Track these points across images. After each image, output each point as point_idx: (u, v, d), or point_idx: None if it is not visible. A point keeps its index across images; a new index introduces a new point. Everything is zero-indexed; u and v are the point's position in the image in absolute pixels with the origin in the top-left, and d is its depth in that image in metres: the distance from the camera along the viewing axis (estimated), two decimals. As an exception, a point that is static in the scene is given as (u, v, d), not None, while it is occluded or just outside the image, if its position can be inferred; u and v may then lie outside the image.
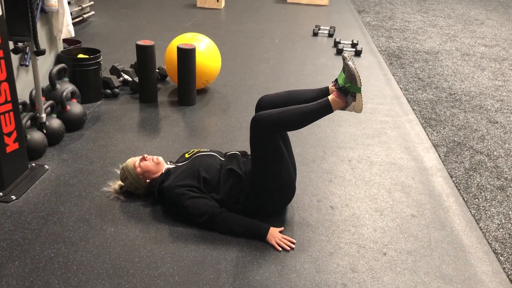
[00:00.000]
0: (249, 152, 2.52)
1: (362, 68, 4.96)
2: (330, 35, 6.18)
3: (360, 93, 2.14)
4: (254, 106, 3.74)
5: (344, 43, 5.72)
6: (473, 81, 4.81)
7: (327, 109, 2.16)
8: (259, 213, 2.32)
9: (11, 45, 2.60)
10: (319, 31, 6.30)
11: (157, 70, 4.06)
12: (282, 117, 2.14)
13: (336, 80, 2.24)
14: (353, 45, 5.63)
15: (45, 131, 2.84)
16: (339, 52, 5.39)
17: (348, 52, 5.44)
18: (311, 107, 2.16)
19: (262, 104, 2.35)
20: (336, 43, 5.66)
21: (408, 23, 7.39)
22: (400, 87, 4.45)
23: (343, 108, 2.18)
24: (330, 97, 2.16)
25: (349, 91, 2.13)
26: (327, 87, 2.31)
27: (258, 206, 2.30)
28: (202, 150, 2.51)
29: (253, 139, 2.18)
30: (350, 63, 2.13)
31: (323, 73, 4.68)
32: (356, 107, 2.16)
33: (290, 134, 2.58)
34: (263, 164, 2.22)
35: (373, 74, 4.80)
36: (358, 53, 5.37)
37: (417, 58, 5.46)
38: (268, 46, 5.52)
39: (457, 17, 8.12)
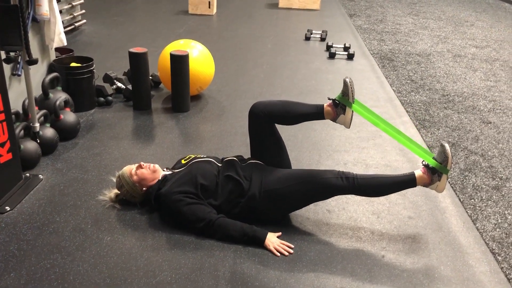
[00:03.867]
0: (245, 157, 2.52)
1: (355, 71, 4.98)
2: (322, 39, 6.21)
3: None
4: (248, 111, 3.75)
5: (336, 47, 5.75)
6: (465, 82, 4.84)
7: (412, 184, 2.28)
8: (257, 219, 2.31)
9: (3, 54, 2.58)
10: (311, 36, 6.32)
11: (150, 77, 4.05)
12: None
13: (333, 100, 2.37)
14: (345, 48, 5.66)
15: (38, 141, 2.82)
16: (332, 56, 5.41)
17: (341, 55, 5.47)
18: (399, 179, 2.28)
19: (256, 111, 2.37)
20: (328, 47, 5.68)
21: (399, 25, 7.44)
22: (393, 90, 4.47)
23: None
24: (417, 175, 2.27)
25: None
26: (322, 106, 2.40)
27: (256, 211, 2.30)
28: (199, 156, 2.51)
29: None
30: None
31: (317, 77, 4.70)
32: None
33: (285, 138, 2.59)
34: (304, 195, 2.29)
35: (366, 77, 4.81)
36: (350, 57, 5.39)
37: (409, 61, 5.49)
38: (261, 51, 5.54)
39: (447, 19, 8.19)
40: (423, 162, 2.29)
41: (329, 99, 2.38)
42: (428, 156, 2.29)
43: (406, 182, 2.26)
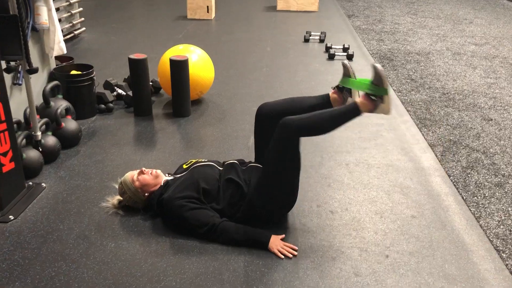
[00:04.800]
0: (246, 160, 2.53)
1: (355, 71, 4.97)
2: (321, 41, 6.22)
3: (388, 95, 2.16)
4: (249, 114, 3.76)
5: (336, 48, 5.75)
6: (465, 79, 4.84)
7: (356, 112, 2.18)
8: (260, 222, 2.31)
9: (3, 64, 2.60)
10: (310, 37, 6.33)
11: (150, 83, 4.07)
12: (312, 121, 2.16)
13: (336, 86, 2.31)
14: (345, 49, 5.66)
15: (41, 149, 2.83)
16: (331, 57, 5.42)
17: (340, 56, 5.48)
18: (338, 110, 2.19)
19: (263, 113, 2.37)
20: (327, 48, 5.69)
21: (398, 25, 7.44)
22: (393, 89, 4.47)
23: (372, 110, 2.19)
24: (358, 100, 2.19)
25: (375, 94, 2.17)
26: (328, 94, 2.36)
27: (258, 214, 2.30)
28: (200, 160, 2.51)
29: (277, 142, 2.18)
30: (378, 65, 2.18)
31: (316, 79, 4.70)
32: (385, 108, 2.18)
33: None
34: (279, 168, 2.22)
35: (366, 77, 4.81)
36: (350, 57, 5.39)
37: (408, 60, 5.49)
38: (260, 54, 5.55)
39: (446, 17, 8.19)
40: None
41: (332, 88, 2.39)
42: (365, 82, 2.24)
43: (350, 111, 2.18)
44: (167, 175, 2.51)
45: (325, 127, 2.20)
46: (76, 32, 5.92)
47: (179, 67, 3.51)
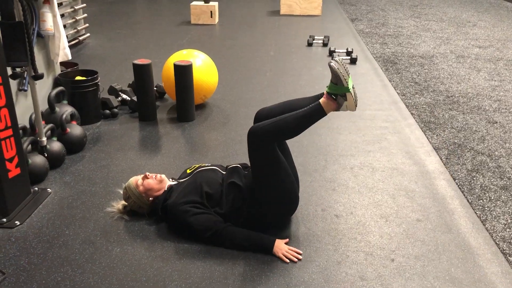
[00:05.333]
0: (249, 164, 2.53)
1: (358, 75, 4.98)
2: (325, 45, 6.22)
3: (350, 92, 2.11)
4: (253, 119, 3.76)
5: (339, 52, 5.76)
6: (469, 82, 4.83)
7: (320, 113, 2.15)
8: (263, 225, 2.31)
9: (9, 70, 2.61)
10: (314, 41, 6.34)
11: (155, 88, 4.08)
12: (277, 125, 2.14)
13: (328, 92, 2.25)
14: (348, 53, 5.67)
15: (46, 155, 2.84)
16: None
17: (342, 57, 5.48)
18: (303, 112, 2.15)
19: (260, 118, 2.36)
20: (331, 52, 5.69)
21: (401, 28, 7.44)
22: (397, 92, 4.47)
23: (336, 109, 2.16)
24: (321, 100, 2.16)
25: (337, 94, 2.12)
26: (323, 93, 2.31)
27: (261, 217, 2.30)
28: (203, 165, 2.51)
29: (250, 151, 2.19)
30: (333, 64, 2.11)
31: (320, 83, 4.71)
32: (349, 106, 2.14)
33: (291, 144, 2.59)
34: (263, 175, 2.22)
35: (370, 80, 4.82)
36: (353, 61, 5.40)
37: (412, 63, 5.49)
38: (263, 59, 5.56)
39: (449, 20, 8.18)
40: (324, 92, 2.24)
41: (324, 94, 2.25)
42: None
43: (314, 112, 2.15)
44: (171, 180, 2.51)
45: (291, 130, 2.17)
46: (80, 38, 5.95)
47: (183, 72, 3.52)
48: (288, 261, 2.13)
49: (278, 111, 2.31)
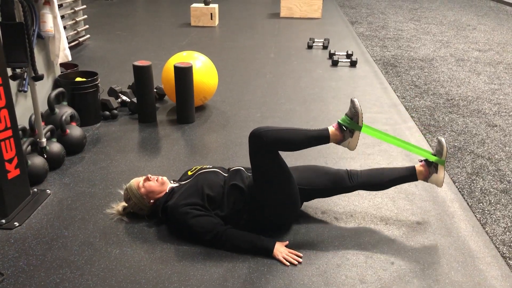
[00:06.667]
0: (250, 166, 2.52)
1: (358, 78, 4.99)
2: (325, 47, 6.23)
3: (359, 132, 2.24)
4: (253, 121, 3.77)
5: (339, 54, 5.77)
6: (469, 86, 4.83)
7: (325, 139, 2.24)
8: (264, 228, 2.30)
9: (9, 71, 2.61)
10: (314, 44, 6.35)
11: (155, 90, 4.08)
12: (281, 135, 2.16)
13: (341, 124, 2.27)
14: (348, 56, 5.68)
15: (45, 156, 2.83)
16: (335, 63, 5.43)
17: (344, 63, 5.48)
18: (310, 133, 2.22)
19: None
20: (331, 55, 5.70)
21: (401, 31, 7.46)
22: (397, 95, 4.47)
23: (339, 142, 2.26)
24: (330, 129, 2.24)
25: (347, 127, 2.24)
26: (414, 167, 2.45)
27: (262, 220, 2.29)
28: (205, 166, 2.51)
29: (251, 153, 2.18)
30: (356, 100, 2.24)
31: (320, 85, 4.71)
32: (351, 144, 2.26)
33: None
34: (263, 178, 2.22)
35: (370, 83, 4.82)
36: (353, 64, 5.40)
37: (412, 66, 5.49)
38: (263, 61, 5.56)
39: (449, 24, 8.20)
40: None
41: (420, 160, 2.46)
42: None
43: (321, 137, 2.23)
44: (172, 182, 2.51)
45: (293, 145, 2.21)
46: (80, 39, 5.95)
47: (183, 74, 3.52)
48: (288, 264, 2.13)
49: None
